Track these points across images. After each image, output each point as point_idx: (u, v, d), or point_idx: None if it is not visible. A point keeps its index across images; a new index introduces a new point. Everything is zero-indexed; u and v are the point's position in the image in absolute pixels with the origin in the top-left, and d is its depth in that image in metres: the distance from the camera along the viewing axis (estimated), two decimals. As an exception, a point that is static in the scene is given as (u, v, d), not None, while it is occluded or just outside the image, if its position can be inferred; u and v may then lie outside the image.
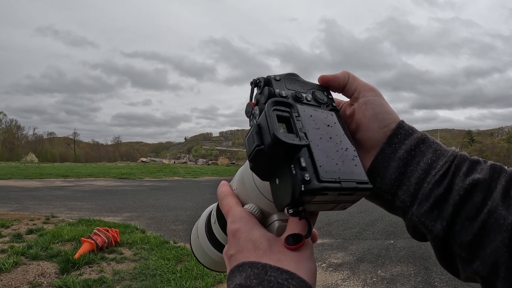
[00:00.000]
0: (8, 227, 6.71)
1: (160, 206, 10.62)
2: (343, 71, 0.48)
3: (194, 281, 4.22)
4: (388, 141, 0.43)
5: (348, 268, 5.04)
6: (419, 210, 0.39)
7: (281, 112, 0.39)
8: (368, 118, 0.44)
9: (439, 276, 4.66)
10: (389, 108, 0.45)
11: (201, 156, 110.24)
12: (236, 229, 0.41)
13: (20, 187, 15.86)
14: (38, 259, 4.79)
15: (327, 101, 0.46)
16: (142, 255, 5.21)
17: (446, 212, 0.38)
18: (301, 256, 0.38)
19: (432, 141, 0.43)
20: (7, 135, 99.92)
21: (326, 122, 0.43)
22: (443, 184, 0.39)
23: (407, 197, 0.41)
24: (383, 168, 0.42)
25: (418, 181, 0.40)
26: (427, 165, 0.41)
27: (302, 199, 0.36)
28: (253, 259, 0.38)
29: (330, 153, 0.39)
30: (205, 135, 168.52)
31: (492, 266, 0.35)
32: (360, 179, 0.38)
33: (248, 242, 0.40)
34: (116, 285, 4.10)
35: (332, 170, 0.37)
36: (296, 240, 0.39)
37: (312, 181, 0.35)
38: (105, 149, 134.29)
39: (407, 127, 0.44)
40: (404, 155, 0.42)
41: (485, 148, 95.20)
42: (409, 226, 0.42)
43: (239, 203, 0.46)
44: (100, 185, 17.92)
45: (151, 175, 26.74)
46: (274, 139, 0.35)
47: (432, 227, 0.38)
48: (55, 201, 11.15)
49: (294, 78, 0.47)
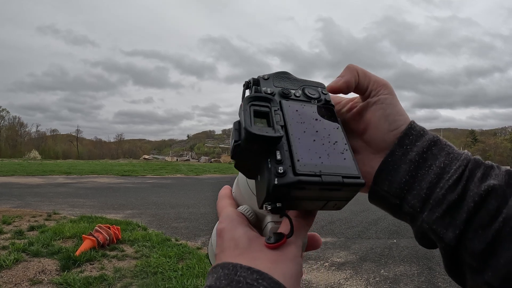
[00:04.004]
0: (10, 223, 6.71)
1: (162, 204, 10.61)
2: (350, 69, 0.44)
3: (196, 279, 4.19)
4: (399, 142, 0.41)
5: (351, 267, 5.00)
6: (430, 217, 0.37)
7: (260, 107, 0.38)
8: (378, 118, 0.42)
9: (443, 276, 4.62)
10: (400, 108, 0.43)
11: (204, 154, 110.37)
12: (221, 228, 0.40)
13: (23, 183, 15.90)
14: (39, 256, 4.78)
15: (319, 96, 0.44)
16: (144, 252, 5.19)
17: (459, 220, 0.35)
18: (280, 256, 0.36)
19: (445, 143, 0.41)
20: (10, 132, 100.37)
21: (314, 116, 0.41)
22: (456, 189, 0.37)
23: (418, 202, 0.38)
24: (393, 170, 0.40)
25: (430, 186, 0.38)
26: (440, 169, 0.38)
27: (277, 194, 0.34)
28: (231, 258, 0.37)
29: (313, 146, 0.37)
30: (207, 133, 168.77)
31: (505, 277, 0.33)
32: (348, 173, 0.35)
33: (230, 241, 0.38)
34: (117, 282, 4.08)
35: (313, 164, 0.35)
36: (278, 239, 0.37)
37: (287, 174, 0.33)
38: (108, 147, 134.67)
39: (419, 128, 0.42)
40: (415, 158, 0.40)
41: (488, 148, 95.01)
42: (418, 233, 0.40)
43: (232, 204, 0.45)
44: (102, 182, 17.94)
45: (153, 172, 26.75)
46: (246, 132, 0.35)
47: (444, 234, 0.36)
48: (57, 198, 11.17)
49: (284, 76, 0.45)
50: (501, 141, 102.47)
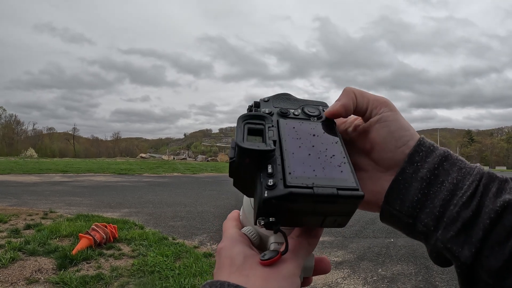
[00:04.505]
0: (6, 222, 6.67)
1: (159, 202, 10.59)
2: (347, 92, 0.43)
3: (193, 278, 4.18)
4: (409, 159, 0.39)
5: (348, 266, 5.01)
6: (445, 235, 0.36)
7: (254, 125, 0.39)
8: (383, 137, 0.41)
9: (440, 276, 4.63)
10: (405, 123, 0.42)
11: (201, 153, 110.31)
12: (220, 247, 0.40)
13: (19, 182, 15.83)
14: (36, 254, 4.75)
15: (320, 113, 0.44)
16: (141, 251, 5.17)
17: (475, 237, 0.34)
18: (272, 273, 0.35)
19: (456, 158, 0.39)
20: (6, 130, 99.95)
21: (312, 132, 0.40)
22: (471, 206, 0.35)
23: (431, 221, 0.37)
24: (404, 189, 0.39)
25: (443, 203, 0.37)
26: (453, 185, 0.37)
27: (268, 207, 0.33)
28: (224, 276, 0.36)
29: (308, 160, 0.36)
30: (204, 131, 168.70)
31: None
32: (344, 186, 0.34)
33: (226, 259, 0.38)
34: (114, 281, 4.06)
35: (306, 176, 0.34)
36: (272, 255, 0.36)
37: (277, 186, 0.33)
38: (105, 145, 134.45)
39: (428, 143, 0.41)
40: (427, 175, 0.38)
41: (485, 148, 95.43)
42: (433, 252, 0.38)
43: (237, 226, 0.45)
44: (99, 181, 17.89)
45: (150, 171, 26.71)
46: (237, 147, 0.35)
47: (459, 253, 0.35)
48: (54, 196, 11.12)
49: (284, 97, 0.46)
50: (498, 141, 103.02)
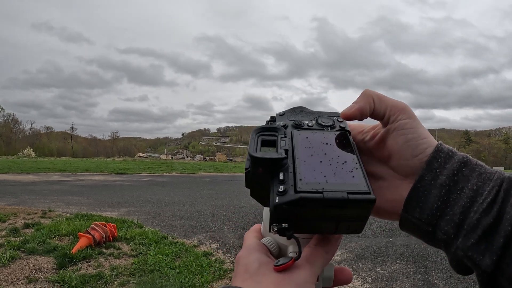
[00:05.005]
0: (4, 221, 6.66)
1: (158, 202, 10.58)
2: (365, 95, 0.43)
3: (193, 277, 4.19)
4: (427, 166, 0.39)
5: (347, 265, 5.02)
6: (465, 243, 0.35)
7: (267, 137, 0.41)
8: (400, 145, 0.41)
9: (438, 274, 4.66)
10: (422, 131, 0.41)
11: (199, 152, 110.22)
12: (238, 256, 0.41)
13: (17, 181, 15.79)
14: (35, 253, 4.75)
15: (333, 123, 0.44)
16: (140, 250, 5.17)
17: (496, 245, 0.33)
18: (285, 279, 0.35)
19: (475, 163, 0.39)
20: (4, 129, 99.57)
21: (325, 141, 0.41)
22: (491, 212, 0.34)
23: (451, 228, 0.36)
24: (423, 196, 0.38)
25: (463, 210, 0.36)
26: (473, 191, 0.36)
27: (279, 213, 0.34)
28: (239, 283, 0.36)
29: (319, 167, 0.36)
30: (202, 131, 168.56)
31: None
32: (355, 190, 0.34)
33: (242, 266, 0.38)
34: (114, 280, 4.07)
35: (316, 182, 0.34)
36: (286, 261, 0.36)
37: (288, 192, 0.33)
38: (103, 144, 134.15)
39: (446, 149, 0.40)
40: (446, 181, 0.38)
41: (483, 148, 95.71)
42: (453, 260, 0.38)
43: (257, 237, 0.45)
44: (97, 180, 17.86)
45: (148, 170, 26.65)
46: (250, 157, 0.36)
47: (480, 261, 0.34)
48: (52, 196, 11.10)
49: (299, 110, 0.48)
50: (495, 142, 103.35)
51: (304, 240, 0.40)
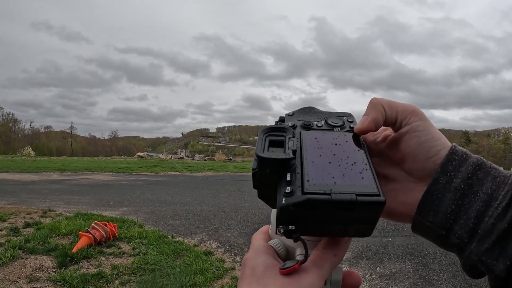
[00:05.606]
0: (5, 220, 6.67)
1: (158, 201, 10.59)
2: (374, 105, 0.42)
3: (194, 276, 4.21)
4: (442, 169, 0.39)
5: (347, 265, 5.04)
6: (479, 248, 0.35)
7: (275, 137, 0.40)
8: (413, 148, 0.40)
9: (437, 274, 4.68)
10: (435, 132, 0.41)
11: (198, 152, 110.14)
12: (245, 258, 0.40)
13: (17, 180, 15.77)
14: (36, 253, 4.76)
15: (343, 123, 0.44)
16: (141, 249, 5.19)
17: (510, 250, 0.34)
18: (291, 282, 0.35)
19: (490, 166, 0.39)
20: (3, 129, 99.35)
21: (334, 141, 0.40)
22: (506, 217, 0.34)
23: (465, 233, 0.36)
24: (437, 200, 0.38)
25: (477, 215, 0.36)
26: (487, 195, 0.36)
27: (286, 214, 0.33)
28: (245, 285, 0.36)
29: (327, 168, 0.36)
30: (202, 130, 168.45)
31: None
32: (364, 191, 0.33)
33: (249, 269, 0.38)
34: (115, 279, 4.09)
35: (324, 183, 0.34)
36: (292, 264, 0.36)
37: (295, 193, 0.33)
38: (102, 144, 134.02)
39: (461, 151, 0.39)
40: (460, 185, 0.37)
41: (482, 149, 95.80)
42: (466, 265, 0.37)
43: (265, 239, 0.45)
44: (97, 179, 17.85)
45: (148, 170, 26.64)
46: (257, 157, 0.36)
47: (494, 266, 0.34)
48: (52, 195, 11.10)
49: (308, 110, 0.47)
50: (495, 142, 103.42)
51: (313, 242, 0.40)
